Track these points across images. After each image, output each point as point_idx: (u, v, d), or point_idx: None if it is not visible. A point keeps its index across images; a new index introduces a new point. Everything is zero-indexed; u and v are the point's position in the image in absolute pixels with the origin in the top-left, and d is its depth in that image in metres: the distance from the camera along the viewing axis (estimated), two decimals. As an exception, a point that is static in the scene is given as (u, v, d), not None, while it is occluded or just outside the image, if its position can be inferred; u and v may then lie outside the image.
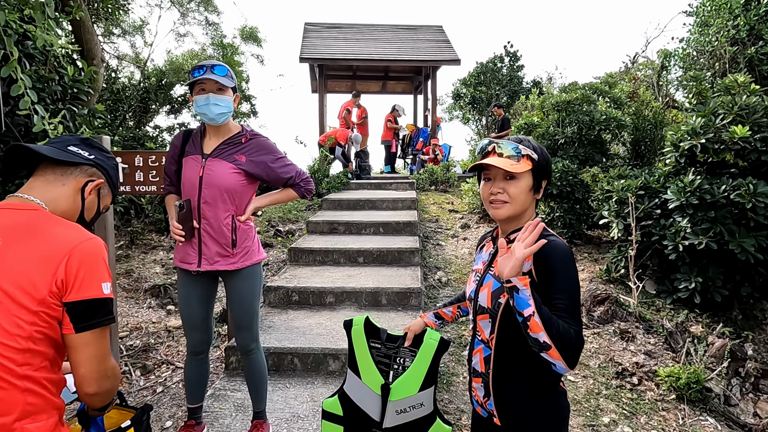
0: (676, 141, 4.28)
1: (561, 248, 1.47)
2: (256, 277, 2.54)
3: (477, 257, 1.77)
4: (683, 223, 4.11)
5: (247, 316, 2.49)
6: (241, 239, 2.45)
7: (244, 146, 2.41)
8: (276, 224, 7.02)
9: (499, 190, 1.53)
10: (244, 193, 2.42)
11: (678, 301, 4.48)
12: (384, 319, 3.88)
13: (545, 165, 1.57)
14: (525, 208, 1.54)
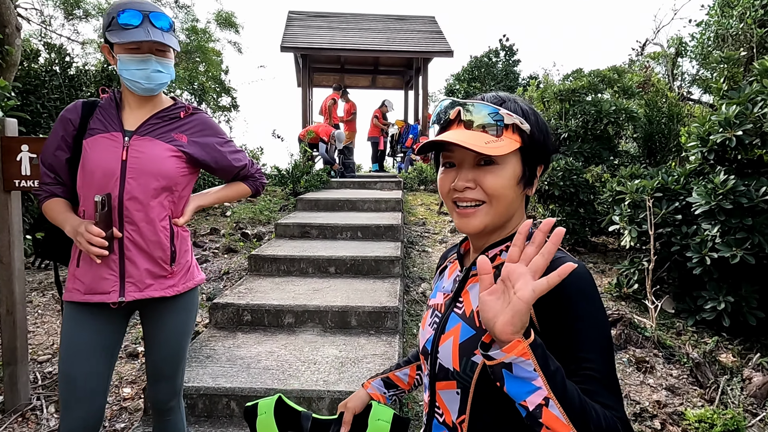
0: (704, 134, 3.60)
1: (579, 275, 0.85)
2: (194, 307, 1.85)
3: (435, 286, 1.11)
4: (712, 231, 3.43)
5: (173, 363, 1.79)
6: (180, 251, 1.77)
7: (184, 123, 1.76)
8: (244, 226, 6.30)
9: (468, 184, 0.92)
10: (183, 186, 1.76)
11: (702, 323, 3.81)
12: (351, 346, 3.18)
13: (543, 140, 0.96)
14: (510, 211, 0.95)
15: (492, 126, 0.89)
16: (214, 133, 1.83)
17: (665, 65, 6.31)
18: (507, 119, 0.90)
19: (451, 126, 0.93)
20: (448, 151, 0.93)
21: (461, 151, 0.90)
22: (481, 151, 0.84)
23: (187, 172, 1.75)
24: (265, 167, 8.38)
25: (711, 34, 5.39)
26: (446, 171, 0.95)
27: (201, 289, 4.73)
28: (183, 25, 9.02)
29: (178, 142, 1.71)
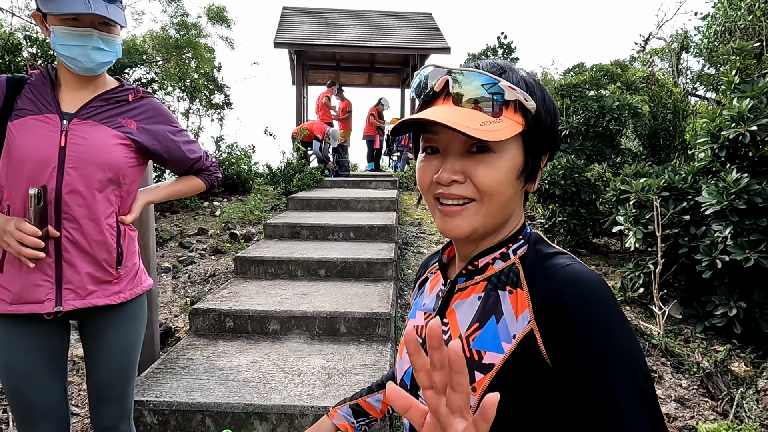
0: (715, 129, 3.40)
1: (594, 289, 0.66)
2: (143, 316, 1.65)
3: (414, 302, 0.90)
4: (724, 233, 3.23)
5: (121, 382, 1.58)
6: (127, 253, 1.56)
7: (132, 107, 1.54)
8: (233, 226, 6.08)
9: (456, 177, 0.72)
10: (132, 179, 1.55)
11: (711, 330, 3.61)
12: (340, 355, 2.96)
13: (550, 122, 0.75)
14: (507, 212, 0.75)
15: (488, 102, 0.68)
16: (166, 120, 1.61)
17: (669, 60, 6.10)
18: (508, 94, 0.69)
19: (435, 101, 0.73)
20: (431, 133, 0.72)
21: (448, 134, 0.70)
22: (474, 135, 0.64)
23: (136, 162, 1.54)
24: (257, 166, 8.15)
25: (718, 28, 5.21)
26: (427, 159, 0.74)
27: (185, 293, 4.51)
28: (172, 19, 8.77)
29: (126, 129, 1.49)
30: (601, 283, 0.66)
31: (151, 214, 3.00)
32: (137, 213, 1.58)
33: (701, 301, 3.64)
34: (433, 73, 0.72)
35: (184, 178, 1.74)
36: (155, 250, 3.06)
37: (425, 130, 0.73)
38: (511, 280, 0.72)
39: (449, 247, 0.89)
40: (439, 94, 0.72)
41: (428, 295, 0.86)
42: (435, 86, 0.71)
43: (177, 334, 3.78)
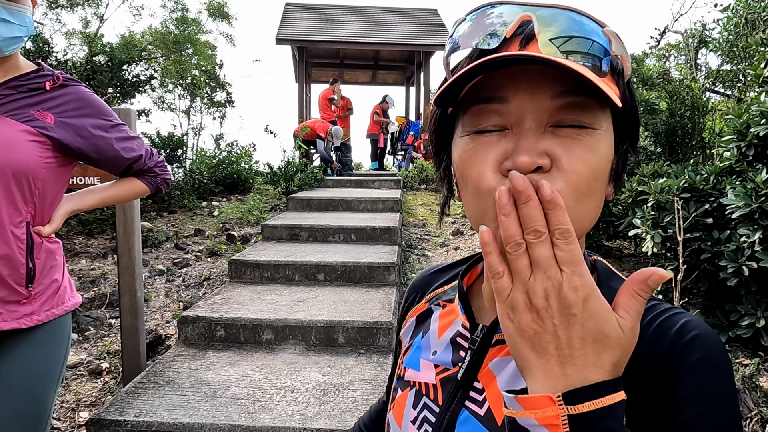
0: (742, 126, 3.16)
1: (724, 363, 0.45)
2: (62, 341, 1.40)
3: (413, 343, 0.64)
4: (752, 237, 3.00)
5: (29, 420, 1.31)
6: (44, 268, 1.33)
7: (50, 97, 1.30)
8: (231, 227, 5.88)
9: (541, 160, 0.45)
10: (50, 183, 1.32)
11: (736, 341, 3.37)
12: (337, 368, 2.75)
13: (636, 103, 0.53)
14: (592, 222, 0.50)
15: (592, 55, 0.45)
16: (96, 112, 1.37)
17: (686, 54, 5.83)
18: (615, 45, 0.47)
19: (528, 41, 0.47)
20: (494, 100, 0.47)
21: (523, 101, 0.46)
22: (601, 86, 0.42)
23: (55, 163, 1.31)
24: (257, 164, 7.95)
25: (739, 20, 4.94)
26: (484, 139, 0.48)
27: (178, 297, 4.32)
28: (172, 14, 8.60)
29: (39, 123, 1.26)
30: (726, 353, 0.46)
31: (136, 216, 2.80)
32: (58, 223, 1.36)
33: (725, 310, 3.41)
34: (496, 11, 0.48)
35: (122, 181, 1.51)
36: (140, 253, 2.86)
37: (481, 98, 0.48)
38: None
39: (473, 268, 0.66)
40: (509, 41, 0.47)
41: (437, 340, 0.61)
42: (508, 29, 0.47)
43: (168, 342, 3.59)
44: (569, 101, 0.45)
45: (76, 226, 5.63)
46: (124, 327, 2.81)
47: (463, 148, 0.50)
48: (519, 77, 0.45)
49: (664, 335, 0.45)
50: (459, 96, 0.50)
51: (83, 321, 3.92)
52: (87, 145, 1.34)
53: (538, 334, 0.38)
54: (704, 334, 0.45)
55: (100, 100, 1.41)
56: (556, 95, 0.45)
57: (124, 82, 7.64)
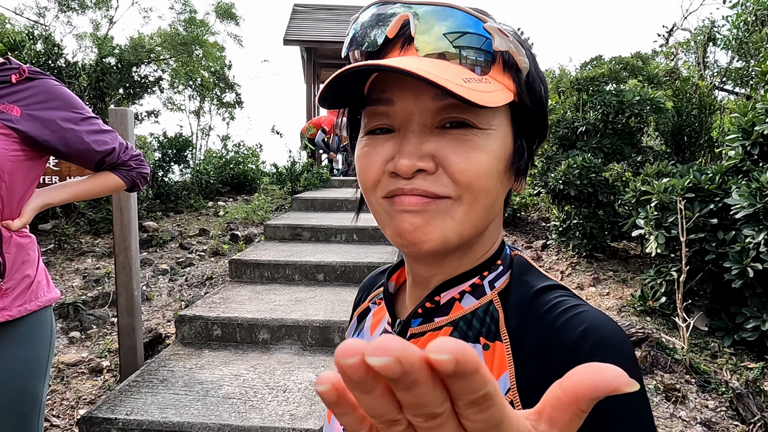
0: (747, 125, 3.09)
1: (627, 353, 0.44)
2: (41, 336, 1.41)
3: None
4: (757, 238, 2.93)
5: (12, 417, 1.33)
6: (14, 263, 1.34)
7: (17, 90, 1.30)
8: (236, 227, 5.91)
9: (423, 164, 0.45)
10: (19, 176, 1.32)
11: (741, 344, 3.30)
12: (331, 368, 2.74)
13: (542, 92, 0.52)
14: (491, 217, 0.51)
15: (471, 51, 0.45)
16: (64, 105, 1.35)
17: (695, 52, 5.72)
18: (498, 41, 0.46)
19: (388, 53, 0.49)
20: (382, 102, 0.48)
21: (406, 103, 0.46)
22: (462, 94, 0.41)
23: (23, 156, 1.30)
24: (264, 165, 7.99)
25: (749, 17, 4.84)
26: (374, 141, 0.49)
27: (180, 296, 4.35)
28: (180, 16, 8.68)
29: (5, 116, 1.25)
30: (626, 339, 0.44)
31: (133, 216, 2.82)
32: (28, 217, 1.35)
33: (730, 312, 3.34)
34: (380, 12, 0.48)
35: (96, 176, 1.49)
36: (138, 253, 2.88)
37: (371, 100, 0.48)
38: (487, 327, 0.49)
39: (399, 269, 0.65)
40: (393, 42, 0.48)
41: (369, 336, 0.62)
42: (389, 29, 0.47)
43: (168, 341, 3.61)
44: (451, 102, 0.44)
45: (83, 226, 5.70)
46: (121, 326, 2.84)
47: (359, 147, 0.51)
48: (403, 80, 0.45)
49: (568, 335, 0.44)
50: (355, 97, 0.50)
51: (86, 319, 3.97)
52: (55, 138, 1.33)
53: None
54: (606, 337, 0.43)
55: (69, 92, 1.40)
56: (438, 96, 0.44)
57: (133, 84, 7.73)
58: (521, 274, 0.52)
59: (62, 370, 3.36)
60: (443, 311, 0.53)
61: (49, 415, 2.94)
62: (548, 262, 4.88)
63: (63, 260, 5.06)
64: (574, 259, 4.75)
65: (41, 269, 1.43)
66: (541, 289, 0.48)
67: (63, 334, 3.89)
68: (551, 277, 0.52)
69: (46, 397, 1.46)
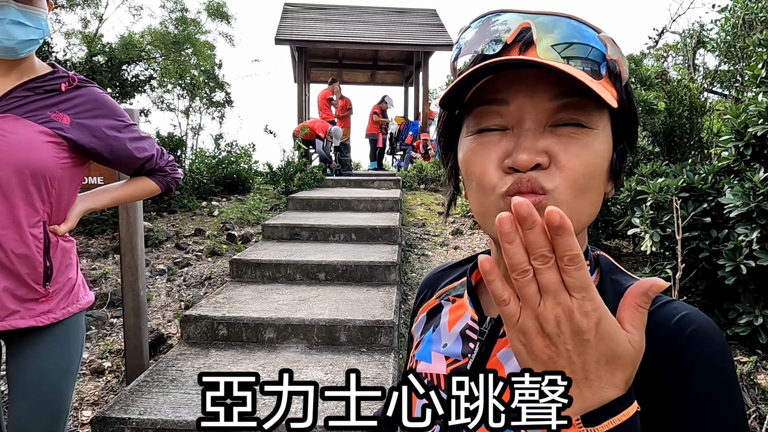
0: (740, 126, 3.19)
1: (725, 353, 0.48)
2: (78, 337, 1.44)
3: (425, 338, 0.65)
4: (750, 236, 3.03)
5: (48, 414, 1.36)
6: (60, 267, 1.36)
7: (66, 99, 1.32)
8: (231, 227, 5.90)
9: (540, 158, 0.48)
10: (66, 182, 1.34)
11: (734, 339, 3.40)
12: (339, 366, 2.77)
13: (634, 102, 0.57)
14: (590, 219, 0.54)
15: (589, 61, 0.49)
16: (109, 113, 1.39)
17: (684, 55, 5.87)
18: (611, 50, 0.49)
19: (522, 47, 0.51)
20: (495, 102, 0.50)
21: (522, 103, 0.49)
22: (594, 88, 0.45)
23: (71, 163, 1.33)
24: (257, 164, 7.96)
25: (736, 21, 4.98)
26: (486, 139, 0.51)
27: (179, 297, 4.34)
28: (171, 14, 8.61)
29: (56, 124, 1.28)
30: (720, 331, 0.49)
31: (139, 216, 2.81)
32: (73, 222, 1.38)
33: (723, 308, 3.44)
34: (498, 20, 0.52)
35: (134, 180, 1.53)
36: (143, 253, 2.88)
37: (483, 100, 0.51)
38: None
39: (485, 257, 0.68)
40: (509, 47, 0.51)
41: (447, 333, 0.64)
42: (508, 36, 0.50)
43: (170, 341, 3.60)
44: (566, 102, 0.48)
45: (77, 227, 5.64)
46: (127, 326, 2.83)
47: (468, 146, 0.53)
48: (518, 81, 0.49)
49: (664, 327, 0.48)
50: (464, 98, 0.53)
51: (85, 320, 3.94)
52: (101, 145, 1.36)
53: (552, 359, 0.39)
54: (703, 327, 0.47)
55: (113, 101, 1.43)
56: (554, 97, 0.48)
57: (123, 82, 7.64)
58: (610, 273, 0.55)
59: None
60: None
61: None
62: (543, 260, 4.96)
63: (57, 261, 5.00)
64: (568, 258, 4.83)
65: (79, 272, 1.45)
66: None
67: (61, 335, 3.84)
68: (636, 276, 0.56)
69: (72, 397, 1.48)
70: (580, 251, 0.36)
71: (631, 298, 0.39)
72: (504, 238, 0.36)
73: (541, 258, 0.36)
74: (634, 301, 0.39)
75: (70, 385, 1.40)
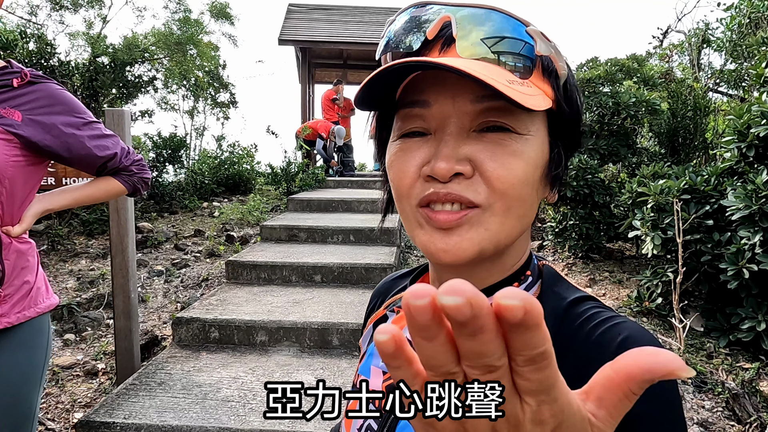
0: (742, 127, 3.12)
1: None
2: (39, 343, 1.39)
3: (368, 350, 0.63)
4: (753, 239, 2.95)
5: (9, 423, 1.31)
6: (14, 269, 1.31)
7: (18, 95, 1.28)
8: (231, 228, 5.89)
9: (461, 167, 0.44)
10: (19, 182, 1.30)
11: (736, 344, 3.32)
12: (330, 370, 2.73)
13: (578, 101, 0.51)
14: (524, 228, 0.50)
15: (513, 55, 0.44)
16: (67, 110, 1.33)
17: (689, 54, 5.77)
18: (540, 45, 0.45)
19: (426, 54, 0.48)
20: (417, 104, 0.46)
21: (444, 105, 0.45)
22: (509, 94, 0.40)
23: (24, 162, 1.28)
24: (259, 165, 7.96)
25: (742, 20, 4.88)
26: (408, 144, 0.48)
27: (176, 298, 4.32)
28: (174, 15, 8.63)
29: (6, 120, 1.23)
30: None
31: (130, 217, 2.80)
32: (29, 223, 1.33)
33: (725, 313, 3.36)
34: (420, 12, 0.48)
35: (98, 181, 1.47)
36: (134, 254, 2.86)
37: (406, 102, 0.47)
38: None
39: (423, 275, 0.64)
40: (432, 43, 0.47)
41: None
42: (429, 30, 0.46)
43: (164, 343, 3.58)
44: (490, 105, 0.44)
45: (77, 227, 5.65)
46: (118, 328, 2.81)
47: (391, 151, 0.50)
48: (442, 81, 0.45)
49: (606, 347, 0.43)
50: (395, 98, 0.49)
51: (81, 321, 3.93)
52: (57, 143, 1.31)
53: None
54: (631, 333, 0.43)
55: (71, 97, 1.37)
56: (476, 99, 0.43)
57: (126, 83, 7.67)
58: (552, 285, 0.51)
59: (57, 372, 3.33)
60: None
61: (44, 418, 2.91)
62: (544, 262, 4.90)
63: (56, 261, 5.01)
64: (570, 260, 4.77)
65: (40, 275, 1.41)
66: (574, 301, 0.48)
67: (57, 336, 3.85)
68: (581, 288, 0.52)
69: (39, 404, 1.44)
70: (548, 345, 0.24)
71: (625, 379, 0.24)
72: (418, 333, 0.23)
73: (482, 368, 0.24)
74: (628, 385, 0.24)
75: (34, 391, 1.36)
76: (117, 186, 1.47)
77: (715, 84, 5.64)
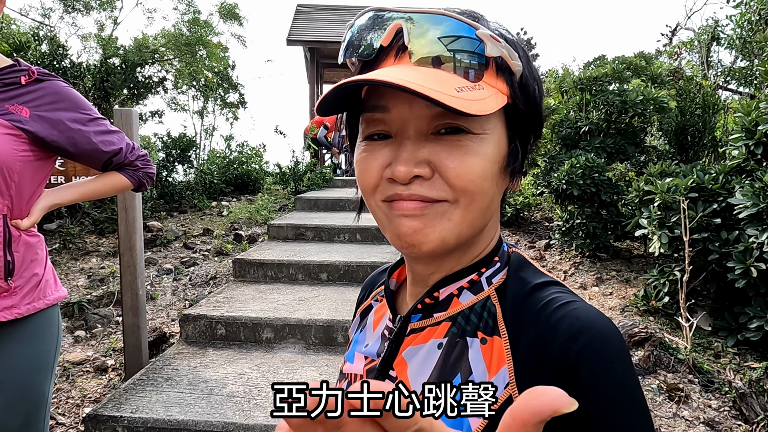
0: (750, 124, 3.09)
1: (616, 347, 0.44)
2: (49, 334, 1.42)
3: (353, 338, 0.69)
4: (761, 238, 2.92)
5: (20, 413, 1.35)
6: (23, 262, 1.35)
7: (26, 92, 1.31)
8: (239, 227, 5.94)
9: (420, 170, 0.47)
10: (27, 176, 1.33)
11: (744, 344, 3.29)
12: (334, 367, 2.76)
13: (537, 93, 0.53)
14: (487, 217, 0.53)
15: (464, 59, 0.46)
16: (72, 106, 1.36)
17: (698, 52, 5.71)
18: (490, 48, 0.47)
19: (382, 61, 0.50)
20: (378, 109, 0.49)
21: (403, 109, 0.47)
22: (452, 105, 0.42)
23: (32, 157, 1.32)
24: (267, 165, 8.01)
25: (752, 17, 4.82)
26: (372, 147, 0.50)
27: (184, 296, 4.37)
28: (183, 16, 8.72)
29: (14, 116, 1.27)
30: (618, 335, 0.45)
31: (138, 215, 2.84)
32: (37, 216, 1.36)
33: (733, 312, 3.33)
34: (375, 20, 0.50)
35: (104, 176, 1.50)
36: (142, 252, 2.90)
37: (368, 106, 0.50)
38: (484, 322, 0.51)
39: (400, 267, 0.67)
40: (387, 50, 0.49)
41: (372, 333, 0.64)
42: (383, 38, 0.49)
43: (172, 340, 3.63)
44: (444, 110, 0.45)
45: (88, 226, 5.73)
46: (126, 325, 2.85)
47: (358, 152, 0.53)
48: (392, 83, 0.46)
49: (560, 332, 0.45)
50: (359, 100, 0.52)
51: (91, 318, 3.99)
52: (63, 138, 1.35)
53: None
54: (586, 319, 0.44)
55: (77, 93, 1.41)
56: (431, 104, 0.45)
57: (137, 84, 7.76)
58: (518, 270, 0.53)
59: (67, 368, 3.38)
60: (442, 307, 0.54)
61: (55, 413, 2.96)
62: (551, 261, 4.88)
63: (68, 260, 5.09)
64: (577, 259, 4.75)
65: (49, 268, 1.44)
66: (537, 285, 0.50)
67: (68, 332, 3.91)
68: (547, 273, 0.53)
69: (52, 395, 1.48)
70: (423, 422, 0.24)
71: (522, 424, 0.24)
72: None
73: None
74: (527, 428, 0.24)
75: (46, 380, 1.40)
76: (123, 180, 1.50)
77: (725, 81, 5.58)
